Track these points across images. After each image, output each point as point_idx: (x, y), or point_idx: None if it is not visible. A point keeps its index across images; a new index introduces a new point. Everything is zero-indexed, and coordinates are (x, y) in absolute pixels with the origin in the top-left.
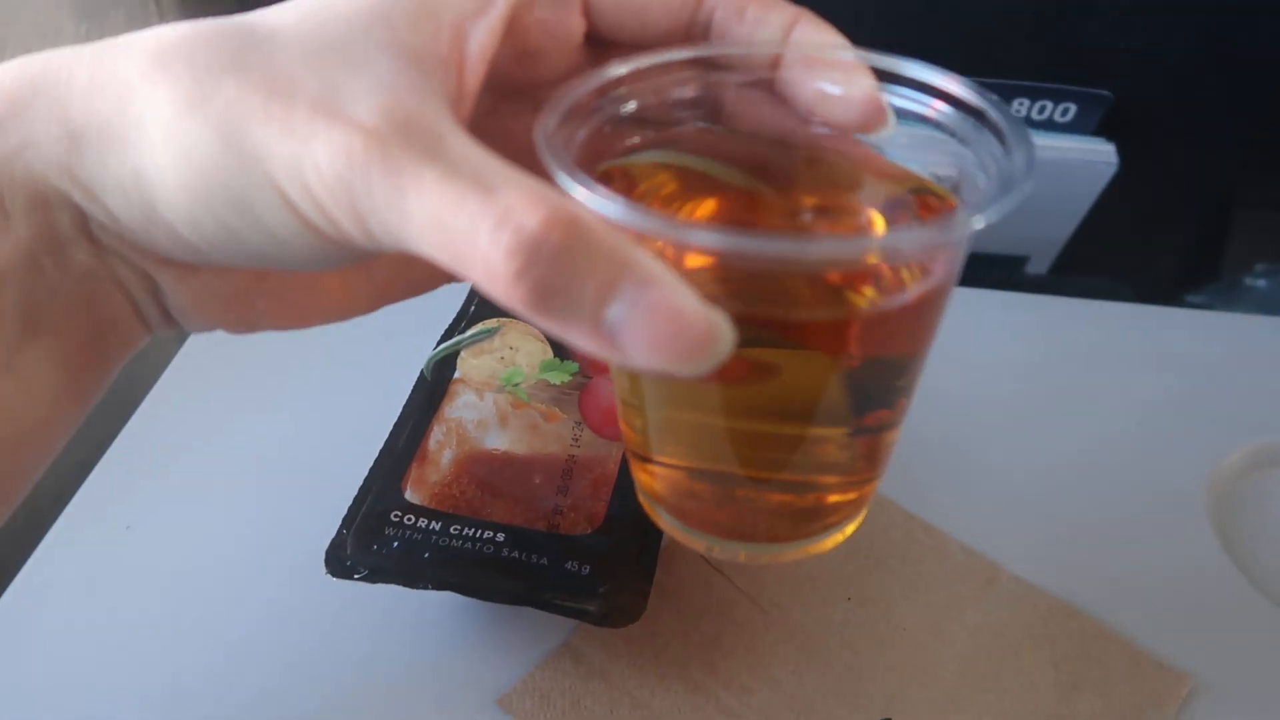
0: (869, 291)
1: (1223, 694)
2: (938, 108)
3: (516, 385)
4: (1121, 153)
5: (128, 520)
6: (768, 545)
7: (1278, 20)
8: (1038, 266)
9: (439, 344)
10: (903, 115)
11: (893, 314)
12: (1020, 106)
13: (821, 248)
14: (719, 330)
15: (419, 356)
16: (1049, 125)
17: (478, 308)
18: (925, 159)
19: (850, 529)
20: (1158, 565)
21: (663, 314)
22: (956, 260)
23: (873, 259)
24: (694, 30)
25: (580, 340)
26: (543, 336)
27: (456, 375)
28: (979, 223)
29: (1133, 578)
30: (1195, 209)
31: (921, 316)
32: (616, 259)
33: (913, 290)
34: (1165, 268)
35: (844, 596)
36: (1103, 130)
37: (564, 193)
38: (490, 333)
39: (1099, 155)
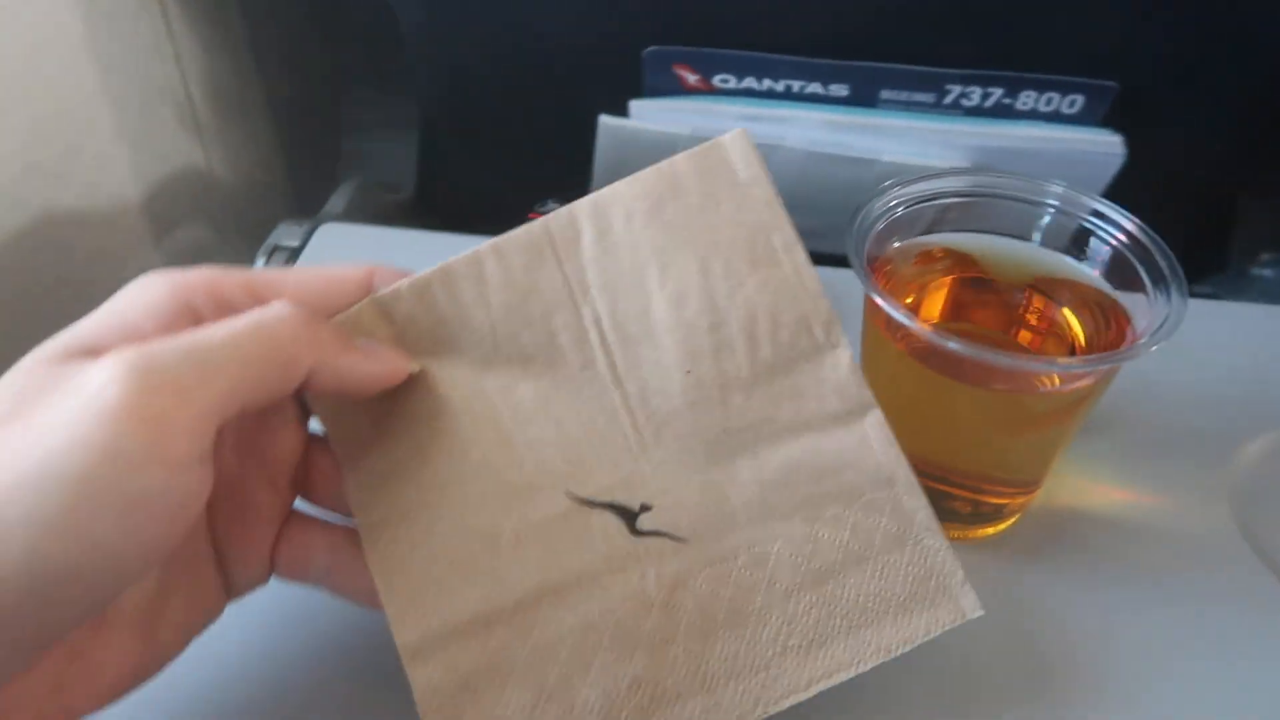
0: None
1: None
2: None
3: None
4: (1127, 144)
5: None
6: None
7: None
8: None
9: None
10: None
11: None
12: (1028, 99)
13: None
14: None
15: None
16: (1056, 117)
17: None
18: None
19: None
20: (1184, 565)
21: None
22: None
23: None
24: None
25: None
26: None
27: None
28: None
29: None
30: (1201, 199)
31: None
32: None
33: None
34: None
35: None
36: (1109, 121)
37: None
38: None
39: (1106, 146)
